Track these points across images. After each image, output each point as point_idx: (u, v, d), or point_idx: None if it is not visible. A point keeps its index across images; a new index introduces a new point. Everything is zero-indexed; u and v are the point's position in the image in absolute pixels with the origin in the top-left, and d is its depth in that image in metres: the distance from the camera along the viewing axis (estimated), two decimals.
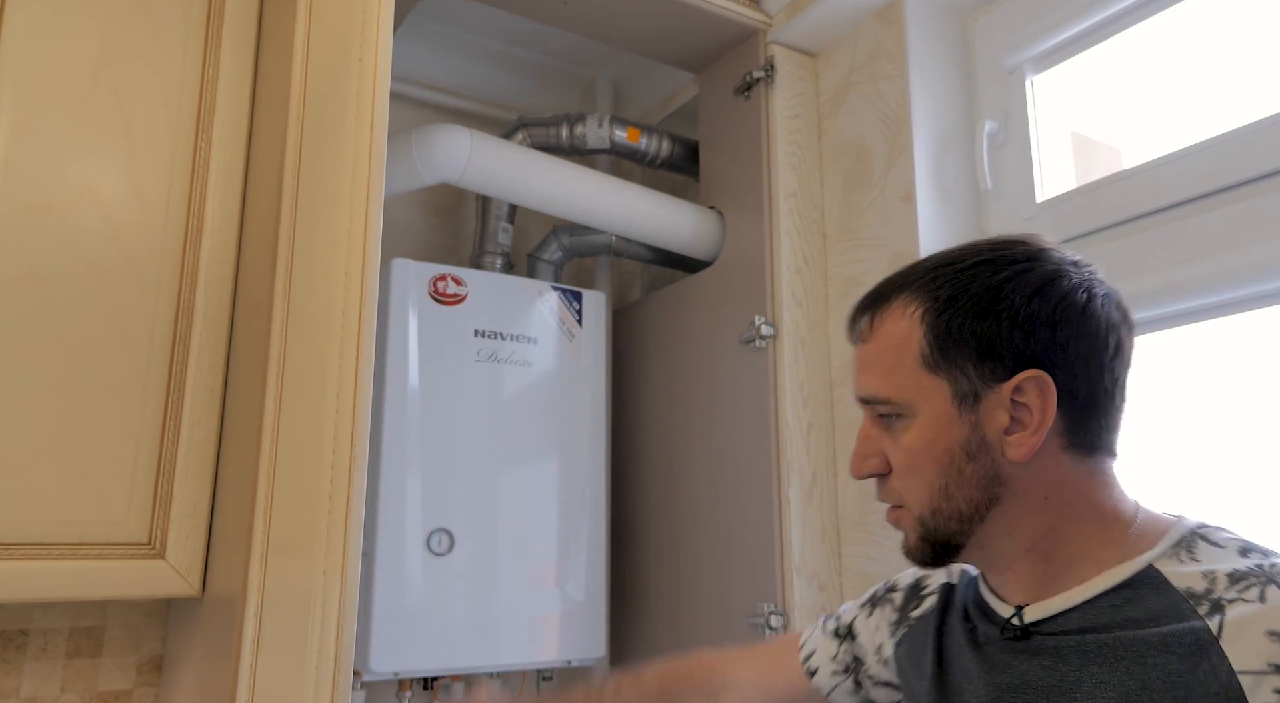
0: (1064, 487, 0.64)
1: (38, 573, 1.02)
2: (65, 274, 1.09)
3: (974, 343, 0.64)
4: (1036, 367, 0.62)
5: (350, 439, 1.02)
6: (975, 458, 0.64)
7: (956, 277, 0.66)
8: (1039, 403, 0.62)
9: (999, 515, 0.64)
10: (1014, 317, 0.63)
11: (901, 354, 0.66)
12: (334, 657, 1.00)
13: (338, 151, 1.08)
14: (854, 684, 0.85)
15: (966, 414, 0.64)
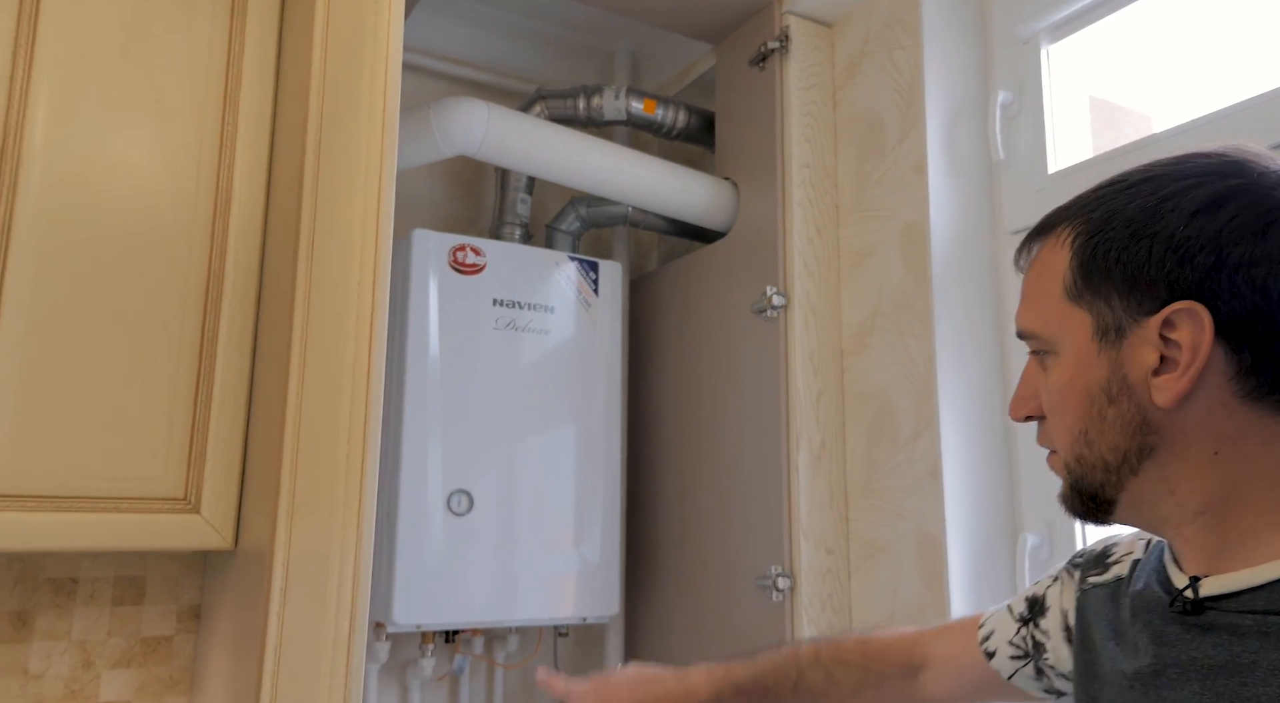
0: (1242, 442, 0.55)
1: (84, 525, 1.10)
2: (102, 244, 1.14)
3: (1120, 270, 0.56)
4: (1192, 298, 0.54)
5: (365, 403, 1.07)
6: (1116, 401, 0.57)
7: (1117, 196, 0.58)
8: (1191, 340, 0.54)
9: (1155, 469, 0.57)
10: (1169, 239, 0.55)
11: (1050, 285, 0.61)
12: (350, 607, 1.07)
13: (353, 126, 1.12)
14: (1035, 671, 0.78)
15: (1108, 351, 0.57)
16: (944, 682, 0.85)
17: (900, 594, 1.35)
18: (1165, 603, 0.59)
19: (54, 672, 1.29)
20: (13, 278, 1.09)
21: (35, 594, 1.30)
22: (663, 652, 1.70)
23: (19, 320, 1.08)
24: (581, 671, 1.83)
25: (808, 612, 1.40)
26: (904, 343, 1.38)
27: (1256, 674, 0.52)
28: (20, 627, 1.28)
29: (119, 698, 1.33)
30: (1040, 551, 1.27)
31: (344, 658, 1.06)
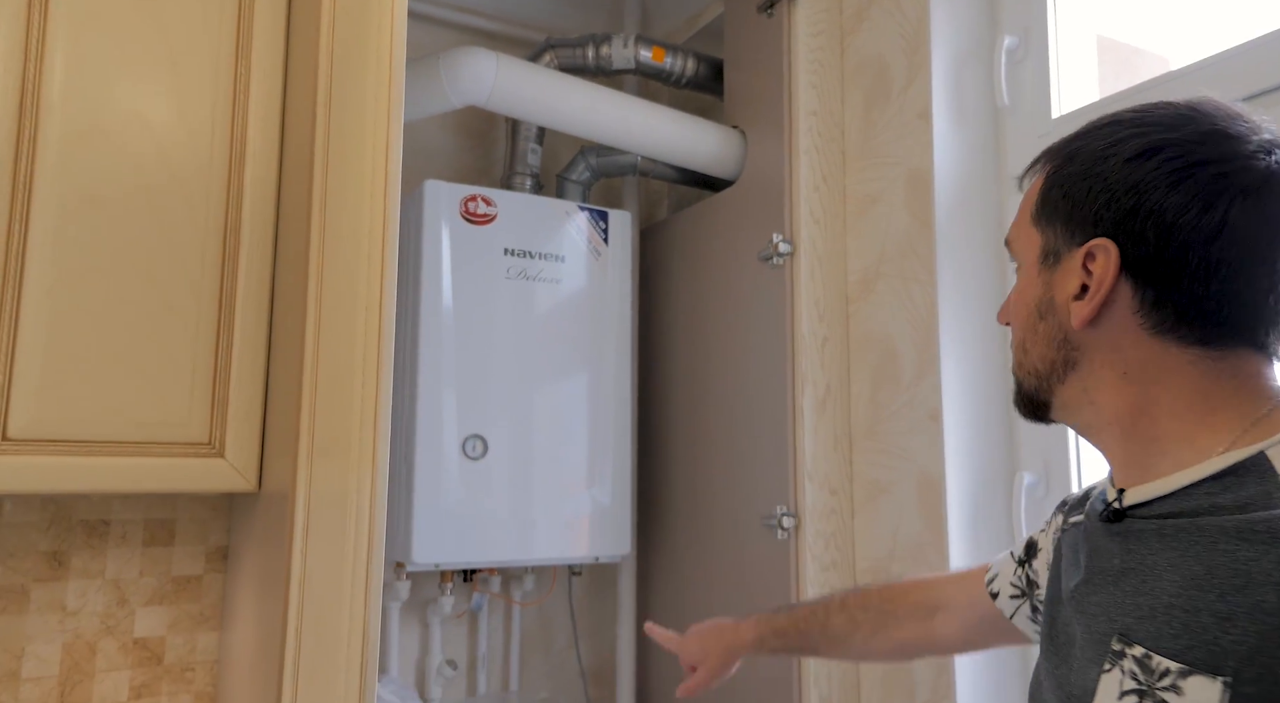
0: (1148, 367, 0.61)
1: (113, 468, 1.14)
2: (121, 197, 1.17)
3: (1066, 204, 0.63)
4: (1109, 236, 0.60)
5: (377, 350, 1.11)
6: (1045, 318, 0.65)
7: (1086, 136, 0.64)
8: (1100, 273, 0.61)
9: (1077, 380, 0.64)
10: (1104, 182, 0.61)
11: (1026, 207, 0.68)
12: (368, 546, 1.11)
13: (361, 76, 1.14)
14: (1030, 609, 0.83)
15: (1045, 273, 0.65)
16: (955, 623, 0.92)
17: (901, 533, 1.39)
18: (1098, 516, 0.65)
19: (90, 608, 1.36)
20: (37, 231, 1.12)
21: (69, 536, 1.36)
22: (672, 589, 1.76)
23: (45, 273, 1.12)
24: (595, 609, 1.90)
25: (811, 550, 1.45)
26: (907, 289, 1.40)
27: (1154, 573, 0.58)
28: (56, 566, 1.34)
29: (153, 633, 1.39)
30: (1036, 489, 1.30)
31: (363, 593, 1.10)
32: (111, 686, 1.35)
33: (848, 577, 1.47)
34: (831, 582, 1.45)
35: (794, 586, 1.45)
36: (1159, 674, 0.54)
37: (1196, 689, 0.52)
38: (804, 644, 1.03)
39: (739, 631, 1.07)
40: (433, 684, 1.67)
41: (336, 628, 1.08)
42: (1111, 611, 0.60)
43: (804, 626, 1.02)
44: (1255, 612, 0.50)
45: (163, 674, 1.39)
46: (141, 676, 1.38)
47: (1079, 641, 0.63)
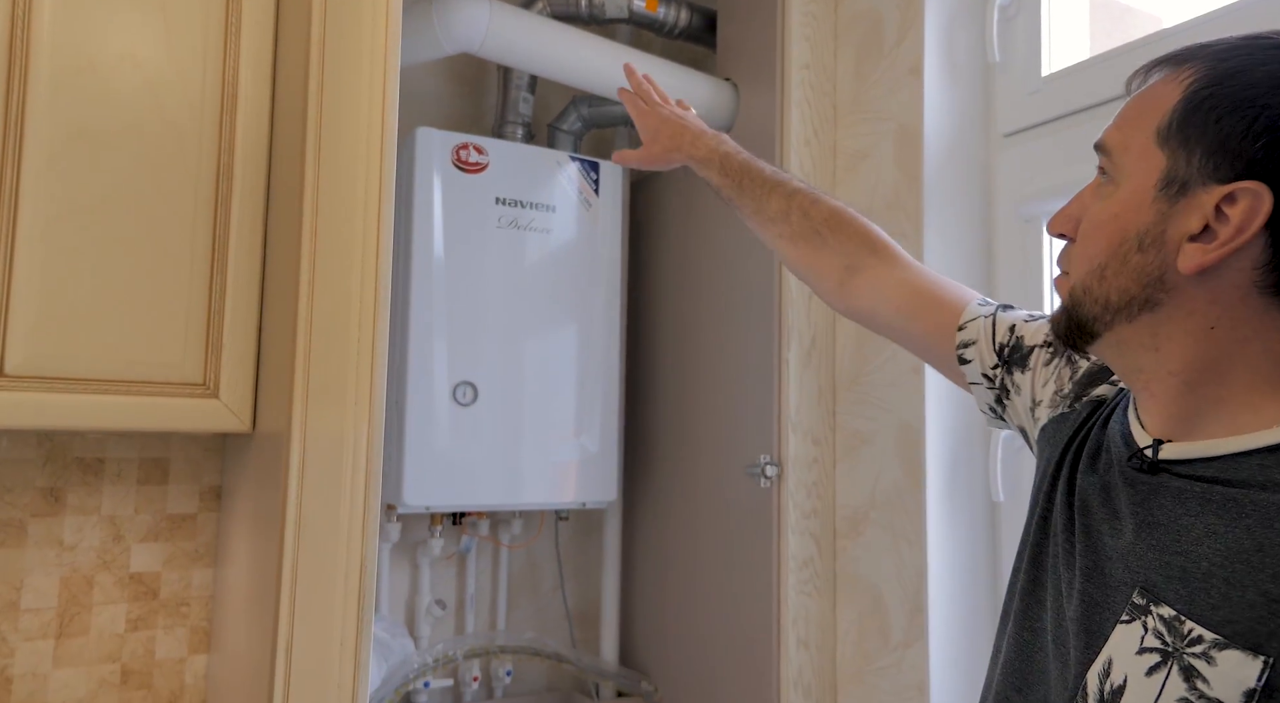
0: (1242, 326, 0.56)
1: (108, 406, 1.16)
2: (113, 136, 1.17)
3: (1216, 131, 0.55)
4: (1264, 181, 0.53)
5: (374, 293, 1.12)
6: (1145, 251, 0.57)
7: (1254, 53, 0.56)
8: (1241, 219, 0.53)
9: (1150, 323, 0.58)
10: (1272, 119, 0.53)
11: (1149, 117, 0.59)
12: (364, 488, 1.14)
13: (356, 22, 1.13)
14: (996, 401, 0.81)
15: (1161, 203, 0.57)
16: (882, 311, 0.89)
17: (881, 482, 1.43)
18: (1123, 456, 0.62)
19: (86, 543, 1.38)
20: (30, 169, 1.12)
21: (65, 473, 1.38)
22: (657, 535, 1.81)
23: (39, 212, 1.12)
24: (581, 553, 1.94)
25: (793, 498, 1.49)
26: None
27: (1190, 535, 0.55)
28: (53, 502, 1.37)
29: (148, 569, 1.43)
30: (1013, 441, 1.34)
31: (360, 533, 1.13)
32: (109, 618, 1.39)
33: (828, 525, 1.51)
34: (813, 529, 1.50)
35: (775, 532, 1.49)
36: (1190, 640, 0.53)
37: (1232, 663, 0.51)
38: (736, 196, 1.03)
39: (697, 142, 1.07)
40: (422, 623, 1.71)
41: (333, 567, 1.10)
42: (1131, 560, 0.58)
43: (748, 183, 1.01)
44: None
45: (159, 608, 1.42)
46: (138, 609, 1.41)
47: (1091, 574, 0.61)
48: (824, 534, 1.51)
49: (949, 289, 0.87)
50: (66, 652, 1.36)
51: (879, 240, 0.93)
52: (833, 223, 0.94)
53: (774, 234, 0.99)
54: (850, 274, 0.92)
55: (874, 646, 1.42)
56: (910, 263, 0.91)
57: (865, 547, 1.45)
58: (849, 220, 0.95)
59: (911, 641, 1.35)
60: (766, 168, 1.02)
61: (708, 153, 1.05)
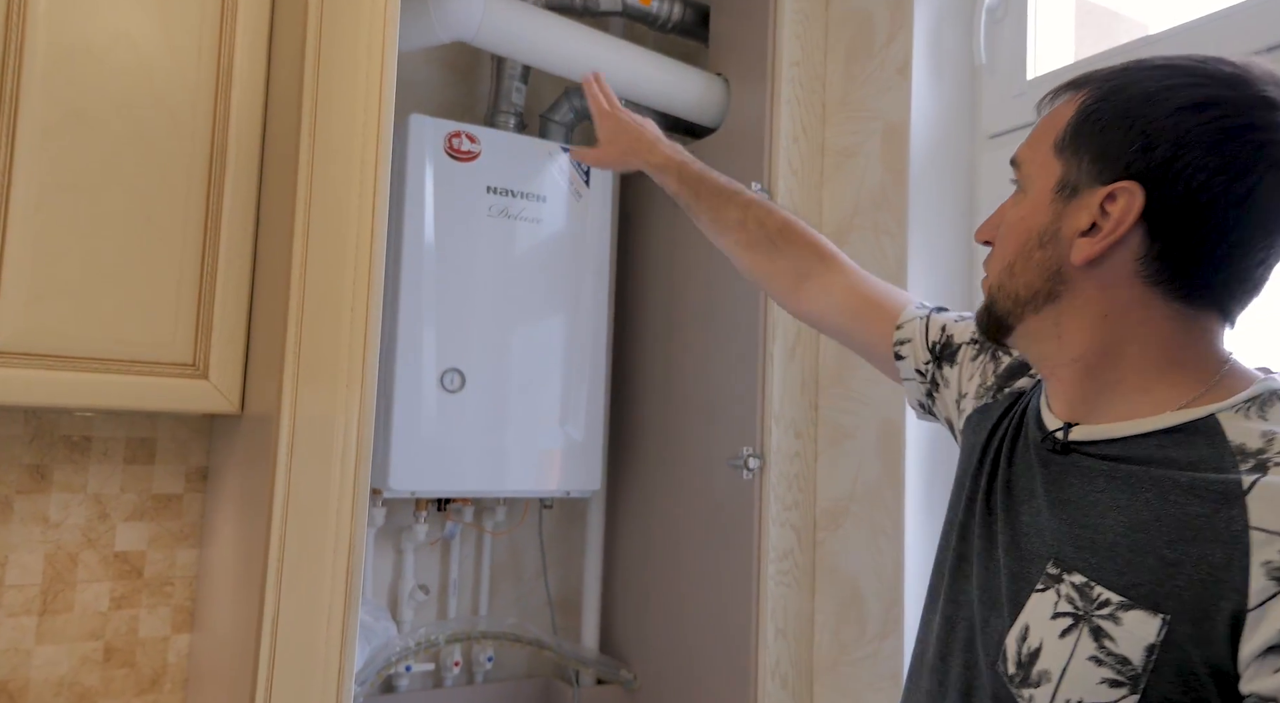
0: (1131, 312, 0.62)
1: (97, 384, 1.17)
2: (107, 115, 1.18)
3: (1101, 140, 0.62)
4: (1138, 181, 0.60)
5: (368, 278, 1.13)
6: (1044, 247, 0.64)
7: (1134, 73, 0.63)
8: (1119, 215, 0.60)
9: (1053, 313, 0.65)
10: (1147, 126, 0.60)
11: (1050, 131, 0.66)
12: (354, 472, 1.15)
13: (355, 5, 1.14)
14: (926, 395, 0.88)
15: (1057, 204, 0.64)
16: (830, 314, 0.97)
17: (861, 476, 1.45)
18: (1037, 439, 0.68)
19: (72, 521, 1.39)
20: (23, 147, 1.13)
21: (52, 450, 1.38)
22: (640, 524, 1.83)
23: (31, 189, 1.13)
24: (564, 541, 1.96)
25: (775, 490, 1.51)
26: (879, 241, 1.44)
27: (1096, 509, 0.61)
28: (39, 479, 1.37)
29: (133, 548, 1.43)
30: None
31: (349, 516, 1.13)
32: (92, 595, 1.39)
33: (808, 517, 1.54)
34: (793, 521, 1.52)
35: (756, 524, 1.51)
36: (1099, 603, 0.59)
37: (1136, 622, 0.57)
38: (693, 203, 1.09)
39: (654, 149, 1.12)
40: (405, 608, 1.72)
41: (321, 549, 1.11)
42: (1046, 534, 0.64)
43: (705, 191, 1.08)
44: (1201, 563, 0.55)
45: (142, 587, 1.43)
46: (122, 587, 1.42)
47: (1011, 549, 0.67)
48: (804, 526, 1.54)
49: (889, 294, 0.95)
50: (50, 628, 1.36)
51: (827, 250, 1.00)
52: (785, 233, 1.01)
53: (730, 241, 1.06)
54: (801, 280, 1.00)
55: (851, 637, 1.45)
56: (855, 270, 0.99)
57: (844, 539, 1.48)
58: (800, 231, 1.02)
59: (888, 632, 1.38)
60: (721, 178, 1.08)
61: (664, 161, 1.11)
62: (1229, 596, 0.53)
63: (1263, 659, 0.51)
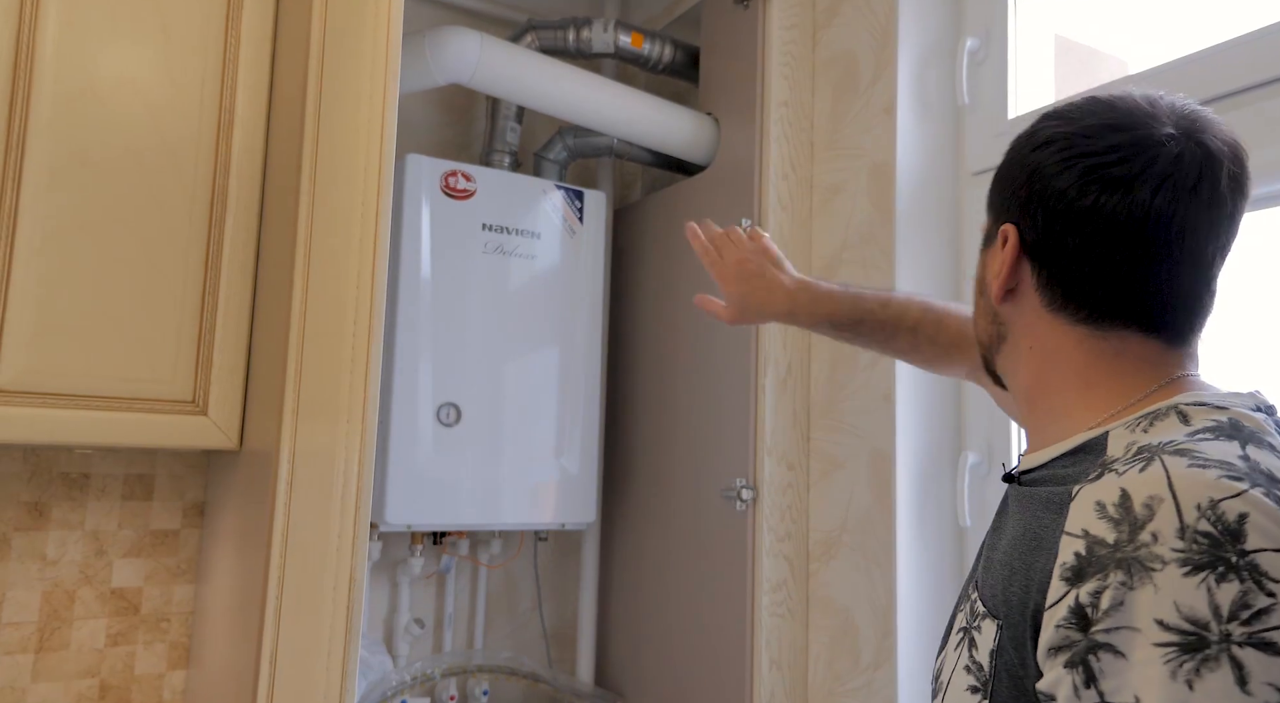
0: (1046, 343, 0.65)
1: (100, 422, 1.18)
2: (112, 159, 1.20)
3: (999, 188, 0.68)
4: (1013, 220, 0.65)
5: (369, 316, 1.15)
6: (983, 294, 0.70)
7: (1043, 122, 0.66)
8: (1005, 254, 0.65)
9: (1008, 351, 0.69)
10: (1021, 168, 0.65)
11: None
12: (355, 506, 1.15)
13: (357, 51, 1.18)
14: None
15: (984, 254, 0.70)
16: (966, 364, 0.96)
17: (853, 506, 1.47)
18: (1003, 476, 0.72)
19: (69, 558, 1.39)
20: (29, 189, 1.15)
21: (50, 487, 1.39)
22: (634, 557, 1.84)
23: (37, 230, 1.15)
24: (559, 573, 1.97)
25: (768, 521, 1.53)
26: (867, 276, 1.48)
27: (1004, 534, 0.65)
28: (37, 516, 1.38)
29: (130, 584, 1.44)
30: (979, 467, 1.39)
31: (349, 552, 1.13)
32: (89, 632, 1.40)
33: (801, 548, 1.55)
34: (786, 552, 1.54)
35: (750, 555, 1.53)
36: (975, 615, 0.64)
37: (987, 629, 0.61)
38: (856, 341, 1.03)
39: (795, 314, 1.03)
40: (400, 641, 1.73)
41: (321, 584, 1.11)
42: (984, 561, 0.68)
43: (866, 329, 1.00)
44: (1031, 570, 0.57)
45: (139, 624, 1.43)
46: (118, 624, 1.42)
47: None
48: (797, 557, 1.55)
49: None
50: (46, 666, 1.37)
51: None
52: (960, 342, 0.97)
53: (905, 360, 1.04)
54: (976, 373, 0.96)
55: (844, 667, 1.46)
56: None
57: (837, 570, 1.49)
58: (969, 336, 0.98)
59: (881, 662, 1.39)
60: (873, 300, 1.01)
61: (811, 321, 1.03)
62: (1034, 598, 0.55)
63: (1049, 658, 0.52)
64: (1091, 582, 0.51)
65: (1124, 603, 0.49)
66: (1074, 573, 0.52)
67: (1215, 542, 0.49)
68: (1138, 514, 0.51)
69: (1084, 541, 0.52)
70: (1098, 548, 0.51)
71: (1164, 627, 0.48)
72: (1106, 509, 0.52)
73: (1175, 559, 0.49)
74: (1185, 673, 0.47)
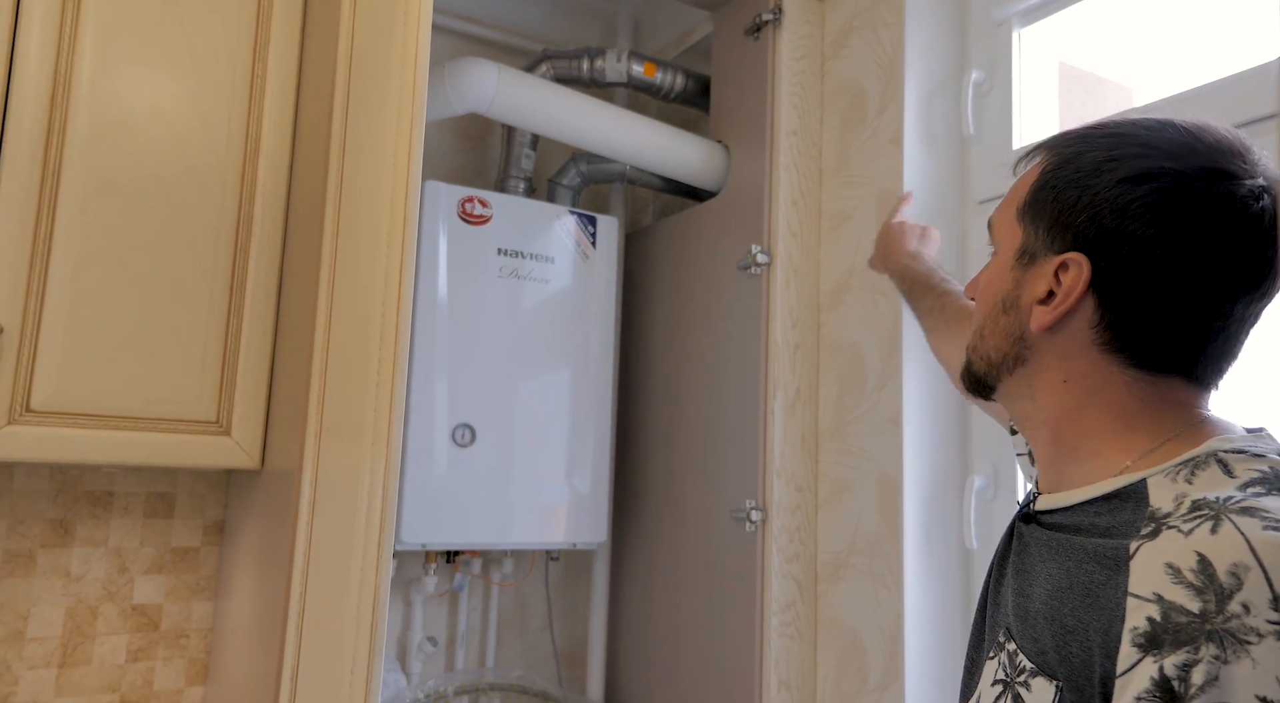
0: (1088, 379, 0.63)
1: (127, 441, 1.21)
2: (140, 186, 1.24)
3: (1054, 208, 0.64)
4: (1086, 252, 0.62)
5: (394, 339, 1.19)
6: (1008, 313, 0.67)
7: (1088, 140, 0.65)
8: (1069, 285, 0.62)
9: (1024, 375, 0.66)
10: (1094, 196, 0.61)
11: (1016, 196, 0.68)
12: (379, 526, 1.17)
13: (384, 82, 1.21)
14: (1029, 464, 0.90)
15: (1018, 270, 0.66)
16: None
17: (860, 528, 1.50)
18: (1018, 514, 0.71)
19: (92, 575, 1.42)
20: (64, 216, 1.19)
21: (75, 505, 1.43)
22: (644, 577, 1.86)
23: (70, 256, 1.19)
24: (570, 593, 1.99)
25: (777, 542, 1.55)
26: (874, 301, 1.51)
27: (1036, 579, 0.63)
28: (62, 533, 1.41)
29: (150, 600, 1.46)
30: (986, 491, 1.41)
31: (373, 570, 1.14)
32: (110, 648, 1.42)
33: (810, 569, 1.57)
34: (795, 573, 1.56)
35: (759, 576, 1.55)
36: (1019, 670, 0.61)
37: (1040, 688, 0.58)
38: (909, 297, 1.17)
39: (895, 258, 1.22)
40: (413, 659, 1.75)
41: (343, 604, 1.13)
42: (1005, 605, 0.66)
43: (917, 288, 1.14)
44: (1091, 630, 0.55)
45: (159, 640, 1.46)
46: (139, 640, 1.45)
47: (989, 619, 0.70)
48: (805, 578, 1.57)
49: None
50: (68, 681, 1.39)
51: None
52: (962, 317, 1.01)
53: (925, 327, 1.11)
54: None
55: (853, 688, 1.47)
56: None
57: (845, 591, 1.51)
58: None
59: (889, 683, 1.41)
60: (935, 274, 1.13)
61: (897, 268, 1.20)
62: (1103, 663, 0.53)
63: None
64: (1179, 654, 0.49)
65: (1219, 678, 0.47)
66: (1148, 640, 0.50)
67: None
68: (1224, 583, 0.49)
69: (1158, 606, 0.51)
70: (1177, 615, 0.50)
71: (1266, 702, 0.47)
72: (1183, 575, 0.51)
73: (1272, 631, 0.47)
74: None
